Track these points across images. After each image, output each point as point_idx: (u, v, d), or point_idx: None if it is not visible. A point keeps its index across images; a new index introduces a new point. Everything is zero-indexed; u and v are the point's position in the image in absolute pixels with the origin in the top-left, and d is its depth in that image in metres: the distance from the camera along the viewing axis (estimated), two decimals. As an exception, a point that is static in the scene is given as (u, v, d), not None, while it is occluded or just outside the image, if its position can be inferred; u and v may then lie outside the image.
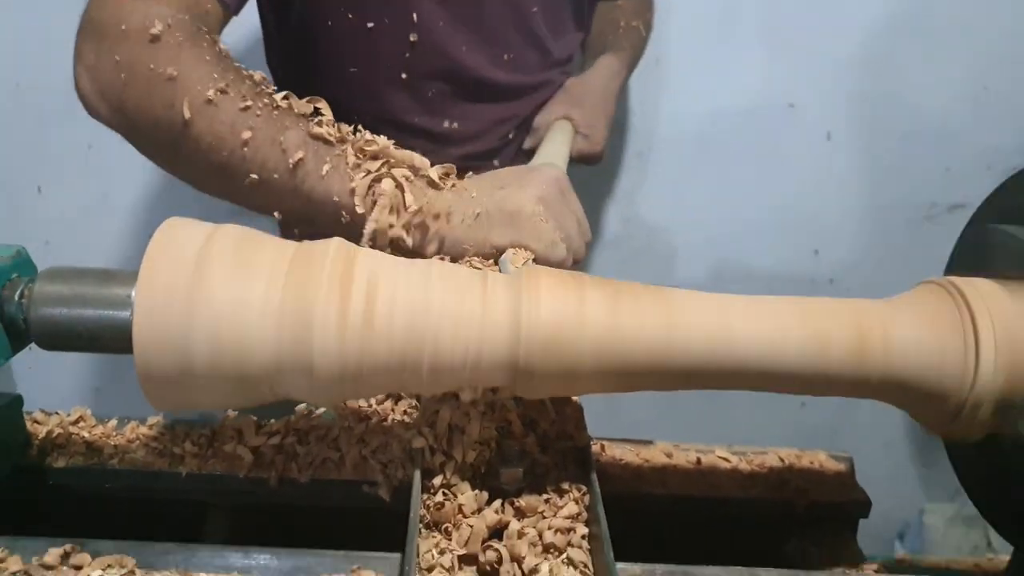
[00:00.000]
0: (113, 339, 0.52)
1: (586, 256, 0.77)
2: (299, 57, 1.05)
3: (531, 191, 0.71)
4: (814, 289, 1.69)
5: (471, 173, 0.74)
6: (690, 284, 1.69)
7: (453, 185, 0.71)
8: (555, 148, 1.04)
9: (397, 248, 0.69)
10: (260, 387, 0.52)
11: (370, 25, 0.97)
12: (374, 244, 0.67)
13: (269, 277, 0.51)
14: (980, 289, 0.56)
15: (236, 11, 0.82)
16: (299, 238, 0.55)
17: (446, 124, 1.08)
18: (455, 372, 0.53)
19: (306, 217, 0.70)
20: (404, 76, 1.02)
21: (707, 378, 0.55)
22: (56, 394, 1.68)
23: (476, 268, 0.66)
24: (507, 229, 0.69)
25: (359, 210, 0.68)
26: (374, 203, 0.67)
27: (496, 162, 1.15)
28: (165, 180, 1.50)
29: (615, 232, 1.66)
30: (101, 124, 0.75)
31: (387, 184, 0.68)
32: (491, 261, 0.69)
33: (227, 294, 0.50)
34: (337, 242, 0.54)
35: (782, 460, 0.72)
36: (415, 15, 0.97)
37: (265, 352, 0.50)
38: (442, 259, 0.68)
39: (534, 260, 0.69)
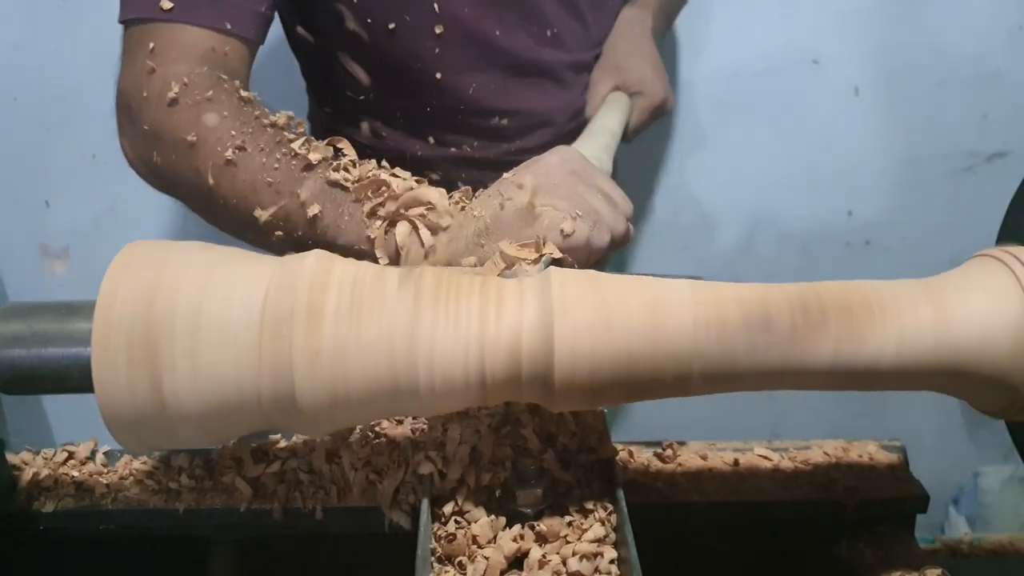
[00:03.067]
0: (83, 379, 0.47)
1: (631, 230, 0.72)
2: (330, 68, 1.00)
3: (527, 185, 0.66)
4: (850, 253, 1.63)
5: (480, 190, 0.69)
6: (723, 253, 1.65)
7: (462, 208, 0.67)
8: (594, 125, 0.99)
9: None
10: (244, 422, 0.47)
11: (392, 26, 0.92)
12: None
13: (245, 303, 0.46)
14: (1044, 260, 0.49)
15: (261, 40, 0.80)
16: None
17: (495, 120, 1.03)
18: (455, 394, 0.47)
19: None
20: (439, 76, 0.97)
21: (754, 379, 0.49)
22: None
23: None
24: (511, 235, 0.63)
25: (381, 262, 0.65)
26: (397, 252, 0.65)
27: None
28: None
29: (642, 204, 1.60)
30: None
31: (401, 228, 0.65)
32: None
33: (198, 323, 0.45)
34: (315, 255, 0.48)
35: (828, 455, 0.66)
36: (436, 5, 0.91)
37: (248, 383, 0.46)
38: None
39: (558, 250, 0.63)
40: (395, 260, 0.65)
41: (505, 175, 0.69)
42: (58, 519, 0.61)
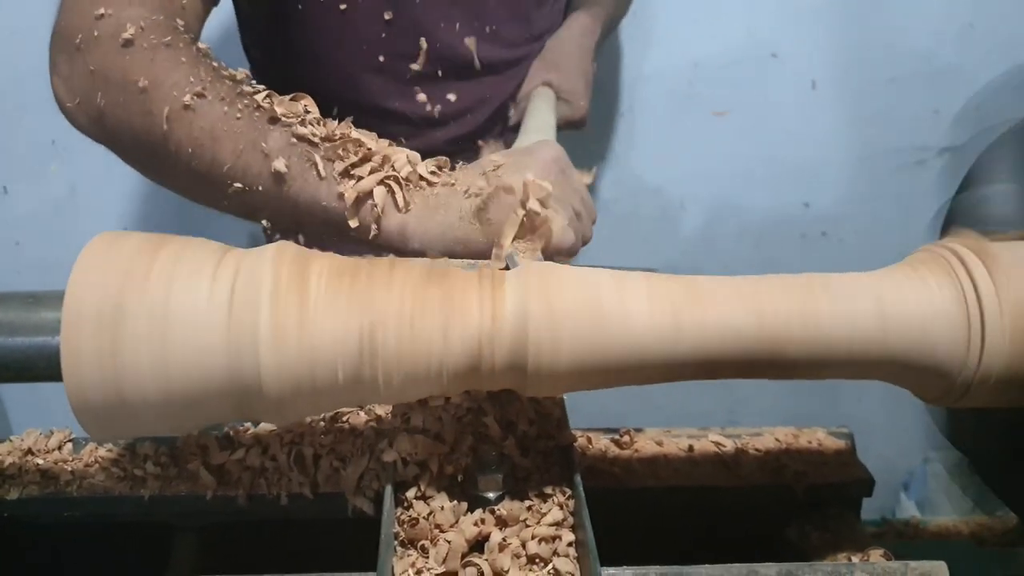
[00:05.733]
0: (48, 368, 0.48)
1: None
2: (273, 42, 1.00)
3: (529, 177, 0.66)
4: (806, 244, 1.66)
5: (461, 163, 0.70)
6: (682, 244, 1.67)
7: (445, 180, 0.67)
8: (542, 119, 1.00)
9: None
10: (210, 410, 0.48)
11: (343, 7, 0.92)
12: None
13: (213, 289, 0.47)
14: (981, 254, 0.52)
15: (216, 1, 0.78)
16: None
17: (428, 108, 1.03)
18: (419, 382, 0.49)
19: (294, 223, 0.67)
20: (381, 59, 0.97)
21: (704, 375, 0.52)
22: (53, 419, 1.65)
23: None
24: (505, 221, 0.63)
25: (351, 224, 0.64)
26: (375, 215, 0.64)
27: (480, 143, 1.11)
28: (132, 170, 1.46)
29: (604, 195, 1.62)
30: (65, 119, 0.73)
31: (378, 192, 0.64)
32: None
33: (166, 315, 0.46)
34: (277, 246, 0.49)
35: (778, 441, 0.69)
36: None
37: (214, 372, 0.46)
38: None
39: (543, 250, 0.64)
40: (368, 222, 0.64)
41: (492, 156, 0.69)
42: (23, 507, 0.61)
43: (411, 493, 0.54)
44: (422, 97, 1.02)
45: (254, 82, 0.69)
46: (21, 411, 1.68)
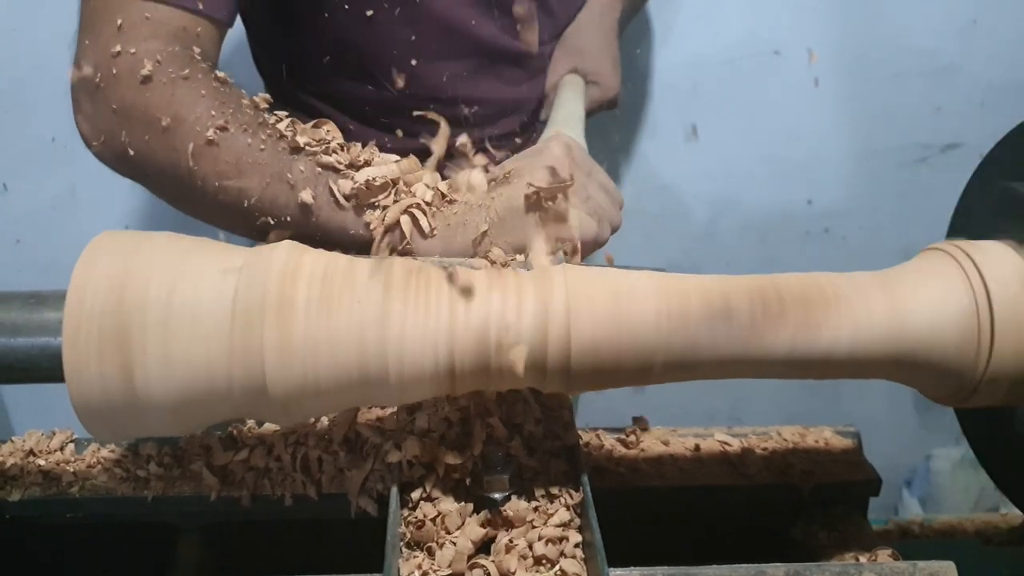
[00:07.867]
0: (52, 369, 0.48)
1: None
2: (296, 54, 0.99)
3: (539, 179, 0.66)
4: (808, 241, 1.66)
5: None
6: (685, 241, 1.66)
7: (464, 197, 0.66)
8: (566, 110, 1.00)
9: None
10: (214, 411, 0.48)
11: (369, 13, 0.91)
12: None
13: (216, 290, 0.46)
14: (991, 255, 0.51)
15: (231, 22, 0.77)
16: None
17: (465, 111, 1.03)
18: (424, 383, 0.48)
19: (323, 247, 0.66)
20: (414, 62, 0.96)
21: (714, 368, 0.51)
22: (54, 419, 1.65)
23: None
24: (524, 228, 0.63)
25: (380, 255, 0.63)
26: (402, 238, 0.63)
27: (519, 141, 1.10)
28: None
29: (605, 192, 1.62)
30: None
31: (404, 221, 0.64)
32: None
33: (169, 312, 0.45)
34: (286, 246, 0.49)
35: (785, 440, 0.69)
36: None
37: (218, 373, 0.46)
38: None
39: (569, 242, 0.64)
40: (396, 251, 0.64)
41: (504, 162, 0.69)
42: (25, 507, 0.61)
43: (417, 494, 0.54)
44: (457, 98, 1.01)
45: (276, 113, 0.69)
46: (23, 412, 1.68)
